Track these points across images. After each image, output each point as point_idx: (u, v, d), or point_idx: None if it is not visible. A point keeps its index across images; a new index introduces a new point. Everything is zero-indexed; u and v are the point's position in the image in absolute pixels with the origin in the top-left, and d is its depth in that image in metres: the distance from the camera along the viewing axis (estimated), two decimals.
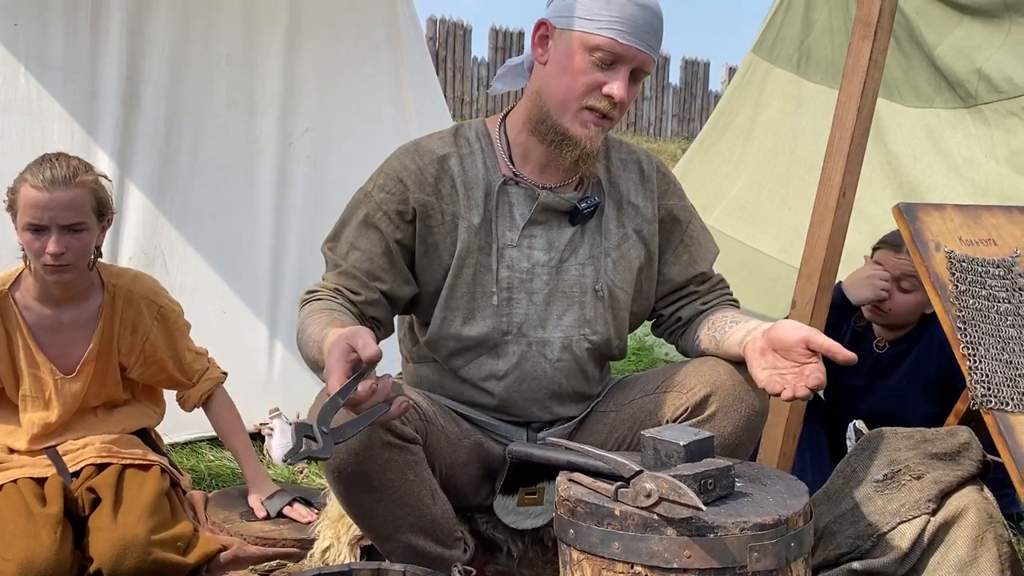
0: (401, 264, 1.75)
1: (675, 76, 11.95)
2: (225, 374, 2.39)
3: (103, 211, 2.14)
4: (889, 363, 2.62)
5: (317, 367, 1.58)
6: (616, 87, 1.64)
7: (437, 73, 9.06)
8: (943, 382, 2.49)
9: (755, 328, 1.67)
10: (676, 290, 1.88)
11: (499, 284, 1.75)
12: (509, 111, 1.81)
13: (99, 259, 2.20)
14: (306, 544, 2.09)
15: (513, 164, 1.77)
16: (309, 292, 1.75)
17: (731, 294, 1.93)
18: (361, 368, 1.40)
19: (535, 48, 1.73)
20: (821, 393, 2.75)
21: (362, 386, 1.38)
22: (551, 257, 1.77)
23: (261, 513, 2.27)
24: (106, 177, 2.17)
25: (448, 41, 9.96)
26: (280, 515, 2.27)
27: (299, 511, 2.27)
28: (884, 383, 2.63)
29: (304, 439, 1.39)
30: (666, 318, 1.91)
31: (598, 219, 1.80)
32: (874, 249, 2.62)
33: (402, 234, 1.74)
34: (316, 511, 2.24)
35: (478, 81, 10.24)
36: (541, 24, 1.71)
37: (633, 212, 1.83)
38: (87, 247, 2.11)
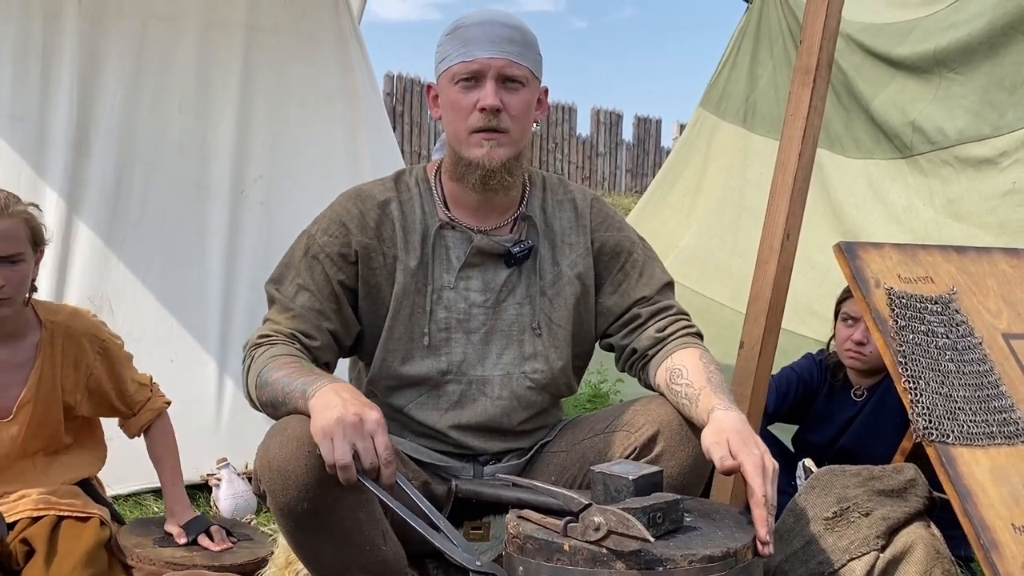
0: (345, 305, 1.80)
1: (628, 133, 12.24)
2: (168, 402, 2.36)
3: (38, 241, 2.10)
4: (869, 410, 2.65)
5: (287, 413, 1.61)
6: (484, 96, 1.72)
7: (395, 128, 9.15)
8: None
9: (709, 409, 1.63)
10: (619, 318, 1.88)
11: (435, 325, 1.79)
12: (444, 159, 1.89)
13: (34, 294, 2.16)
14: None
15: (448, 209, 1.84)
16: (262, 336, 1.75)
17: (689, 323, 1.87)
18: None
19: (432, 110, 1.85)
20: (790, 445, 2.79)
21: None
22: (487, 298, 1.82)
23: (182, 539, 2.24)
24: (36, 206, 2.14)
25: (406, 97, 10.07)
26: (194, 543, 2.24)
27: (215, 538, 2.24)
28: (857, 422, 2.66)
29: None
30: (622, 350, 1.89)
31: (534, 259, 1.84)
32: (839, 302, 2.66)
33: (344, 275, 1.79)
34: (233, 539, 2.25)
35: (435, 136, 10.33)
36: (428, 88, 1.85)
37: (568, 250, 1.87)
38: (25, 279, 2.07)
